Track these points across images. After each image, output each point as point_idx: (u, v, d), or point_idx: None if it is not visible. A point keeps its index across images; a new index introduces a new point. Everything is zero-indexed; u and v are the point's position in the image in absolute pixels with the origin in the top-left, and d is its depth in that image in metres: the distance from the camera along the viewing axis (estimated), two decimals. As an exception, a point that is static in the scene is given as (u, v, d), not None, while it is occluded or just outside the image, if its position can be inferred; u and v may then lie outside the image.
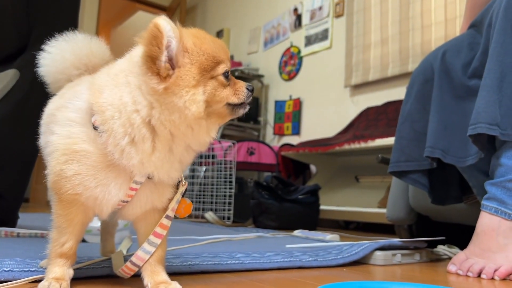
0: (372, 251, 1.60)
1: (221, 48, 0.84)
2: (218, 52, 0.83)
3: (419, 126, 1.79)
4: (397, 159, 1.83)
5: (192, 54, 0.80)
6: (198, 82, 0.80)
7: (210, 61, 0.82)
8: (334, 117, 4.40)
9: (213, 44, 0.84)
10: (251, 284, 1.22)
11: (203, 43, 0.82)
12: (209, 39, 0.84)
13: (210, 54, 0.82)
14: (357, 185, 3.77)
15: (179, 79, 0.78)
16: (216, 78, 0.82)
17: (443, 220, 2.11)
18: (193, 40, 0.81)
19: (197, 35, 0.83)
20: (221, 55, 0.84)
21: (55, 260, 0.88)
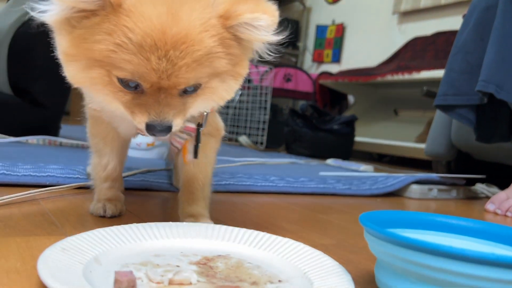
0: (408, 184, 1.57)
1: (150, 39, 0.53)
2: (141, 40, 0.53)
3: (474, 58, 1.67)
4: (444, 92, 1.73)
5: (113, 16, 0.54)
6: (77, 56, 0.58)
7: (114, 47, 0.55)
8: (378, 46, 4.19)
9: (150, 22, 0.53)
10: (285, 206, 1.23)
11: (141, 10, 0.54)
12: (154, 11, 0.54)
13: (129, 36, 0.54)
14: (395, 119, 3.67)
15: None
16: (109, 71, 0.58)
17: (485, 158, 2.04)
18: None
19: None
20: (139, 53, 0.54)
21: (102, 185, 0.85)
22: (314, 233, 0.92)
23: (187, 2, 0.56)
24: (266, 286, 0.55)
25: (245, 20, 0.58)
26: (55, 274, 0.46)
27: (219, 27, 0.58)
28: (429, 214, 0.61)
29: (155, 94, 0.58)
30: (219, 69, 0.60)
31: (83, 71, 0.58)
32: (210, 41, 0.57)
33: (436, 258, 0.42)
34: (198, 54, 0.56)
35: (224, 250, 0.65)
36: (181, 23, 0.55)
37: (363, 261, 0.72)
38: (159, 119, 0.59)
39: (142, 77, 0.56)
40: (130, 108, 0.61)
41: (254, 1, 0.59)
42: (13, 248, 0.61)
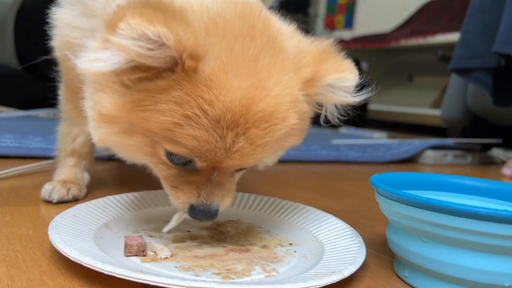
0: (422, 150, 1.55)
1: (224, 120, 0.44)
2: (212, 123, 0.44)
3: (491, 19, 1.60)
4: (460, 55, 1.67)
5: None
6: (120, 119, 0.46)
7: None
8: (392, 10, 4.06)
9: (226, 103, 0.44)
10: (297, 174, 1.22)
11: (223, 80, 0.44)
12: (236, 92, 0.44)
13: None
14: (410, 85, 3.60)
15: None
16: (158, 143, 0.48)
17: (502, 122, 1.99)
18: (218, 70, 0.44)
19: (235, 70, 0.45)
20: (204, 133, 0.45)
21: (65, 160, 0.75)
22: (326, 200, 0.91)
23: (275, 71, 0.47)
24: (276, 249, 0.55)
25: (330, 82, 0.50)
26: (66, 239, 0.46)
27: (303, 99, 0.50)
28: (442, 175, 0.60)
29: (208, 172, 0.49)
30: (286, 147, 0.53)
31: (119, 135, 0.48)
32: (293, 118, 0.49)
33: (448, 217, 0.41)
34: (279, 133, 0.48)
35: (235, 215, 0.65)
36: (269, 98, 0.46)
37: (375, 225, 0.72)
38: (208, 202, 0.50)
39: (203, 156, 0.46)
40: (172, 183, 0.51)
41: (335, 57, 0.52)
42: (25, 217, 0.61)
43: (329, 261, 0.49)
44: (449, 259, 0.43)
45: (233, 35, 0.46)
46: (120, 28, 0.39)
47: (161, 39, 0.40)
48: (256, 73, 0.46)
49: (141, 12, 0.39)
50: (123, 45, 0.40)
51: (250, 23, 0.48)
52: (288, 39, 0.52)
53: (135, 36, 0.39)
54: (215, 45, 0.45)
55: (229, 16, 0.48)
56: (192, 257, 0.50)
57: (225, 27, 0.46)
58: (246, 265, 0.49)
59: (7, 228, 0.56)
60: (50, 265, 0.46)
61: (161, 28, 0.39)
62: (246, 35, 0.47)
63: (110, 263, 0.41)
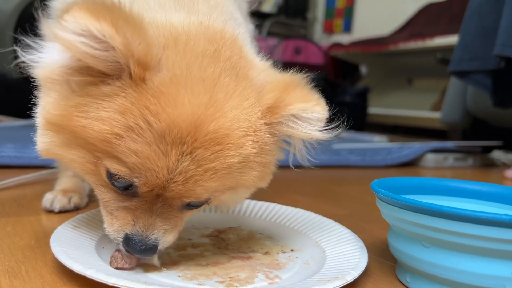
0: (423, 154, 1.55)
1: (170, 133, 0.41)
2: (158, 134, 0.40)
3: (489, 21, 1.60)
4: (459, 57, 1.67)
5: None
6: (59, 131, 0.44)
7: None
8: (390, 13, 4.07)
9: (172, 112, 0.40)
10: (297, 179, 1.22)
11: (174, 92, 0.41)
12: (184, 98, 0.41)
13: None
14: (409, 88, 3.61)
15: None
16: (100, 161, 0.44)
17: (502, 124, 1.99)
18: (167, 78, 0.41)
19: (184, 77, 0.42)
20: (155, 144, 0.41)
21: (65, 171, 0.74)
22: (327, 205, 0.91)
23: (234, 94, 0.44)
24: (278, 256, 0.55)
25: (294, 112, 0.46)
26: (68, 251, 0.46)
27: (264, 129, 0.46)
28: (442, 180, 0.60)
29: (150, 200, 0.44)
30: (244, 183, 0.47)
31: (61, 147, 0.44)
32: (250, 147, 0.44)
33: (448, 222, 0.41)
34: (231, 161, 0.43)
35: (236, 222, 0.65)
36: (223, 120, 0.42)
37: (376, 230, 0.72)
38: (145, 233, 0.44)
39: (144, 177, 0.41)
40: (109, 208, 0.46)
41: (303, 89, 0.48)
42: (27, 227, 0.61)
43: (332, 267, 0.49)
44: (451, 264, 0.43)
45: (194, 54, 0.43)
46: (65, 20, 0.37)
47: (106, 38, 0.37)
48: (213, 92, 0.42)
49: (88, 7, 0.37)
50: (67, 39, 0.37)
51: (217, 47, 0.45)
52: (256, 71, 0.49)
53: (78, 31, 0.37)
54: (171, 58, 0.42)
55: (194, 36, 0.45)
56: (194, 266, 0.50)
57: (187, 44, 0.44)
58: (249, 273, 0.49)
59: (9, 239, 0.56)
60: (53, 275, 0.46)
61: (106, 26, 0.37)
62: (209, 56, 0.44)
63: (114, 274, 0.41)
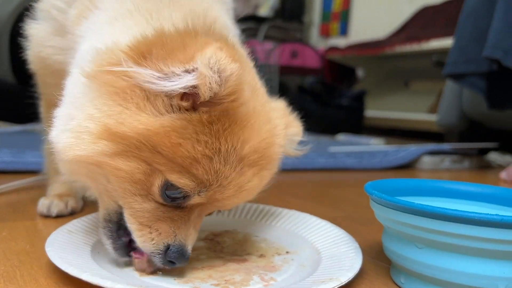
0: (419, 156, 1.55)
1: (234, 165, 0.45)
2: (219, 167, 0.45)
3: (483, 23, 1.61)
4: (454, 60, 1.68)
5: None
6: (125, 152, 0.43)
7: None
8: (386, 17, 4.09)
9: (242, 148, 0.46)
10: (294, 182, 1.22)
11: (255, 122, 0.47)
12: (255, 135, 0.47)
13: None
14: (406, 91, 3.62)
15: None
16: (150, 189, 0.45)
17: (498, 126, 2.00)
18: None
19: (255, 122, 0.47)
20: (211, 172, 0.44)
21: (56, 176, 0.73)
22: (324, 207, 0.92)
23: (274, 115, 0.52)
24: (273, 258, 0.55)
25: (288, 134, 0.56)
26: (63, 256, 0.46)
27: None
28: (436, 181, 0.60)
29: (191, 210, 0.48)
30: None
31: (111, 157, 0.43)
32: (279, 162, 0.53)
33: (441, 222, 0.41)
34: (272, 176, 0.53)
35: (231, 225, 0.65)
36: (277, 145, 0.51)
37: (372, 232, 0.72)
38: (185, 243, 0.47)
39: (208, 191, 0.45)
40: (143, 220, 0.47)
41: (290, 114, 0.58)
42: (22, 232, 0.62)
43: (327, 268, 0.49)
44: (444, 265, 0.43)
45: (249, 81, 0.49)
46: (208, 57, 0.40)
47: (231, 78, 0.41)
48: (271, 121, 0.50)
49: (224, 48, 0.41)
50: (203, 73, 0.40)
51: (252, 75, 0.53)
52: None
53: (217, 69, 0.40)
54: (245, 87, 0.46)
55: (243, 60, 0.51)
56: (190, 269, 0.50)
57: (245, 71, 0.48)
58: (244, 275, 0.49)
59: (5, 244, 0.56)
60: (48, 279, 0.46)
61: (237, 68, 0.41)
62: (255, 84, 0.51)
63: (109, 278, 0.41)
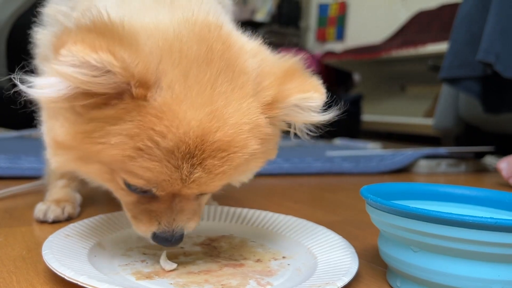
0: (416, 160, 1.56)
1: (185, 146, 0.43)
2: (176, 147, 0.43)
3: (478, 28, 1.63)
4: (449, 64, 1.69)
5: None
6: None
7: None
8: (382, 21, 4.11)
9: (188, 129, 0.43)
10: (291, 187, 1.22)
11: (176, 110, 0.43)
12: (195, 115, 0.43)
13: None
14: (402, 95, 3.64)
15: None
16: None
17: (494, 130, 2.01)
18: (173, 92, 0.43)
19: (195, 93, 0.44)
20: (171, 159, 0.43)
21: (55, 182, 0.75)
22: (320, 211, 0.92)
23: (233, 98, 0.46)
24: (270, 263, 0.55)
25: (295, 102, 0.49)
26: (60, 259, 0.46)
27: (265, 122, 0.48)
28: (432, 185, 0.60)
29: (168, 199, 0.48)
30: (252, 169, 0.52)
31: (76, 162, 0.47)
32: (254, 144, 0.47)
33: (436, 226, 0.41)
34: (238, 161, 0.46)
35: (228, 230, 0.65)
36: (226, 128, 0.44)
37: (368, 236, 0.72)
38: (171, 228, 0.49)
39: (160, 186, 0.45)
40: (132, 212, 0.50)
41: (300, 76, 0.50)
42: (19, 237, 0.61)
43: (323, 273, 0.49)
44: (439, 268, 0.43)
45: (189, 60, 0.44)
46: (62, 55, 0.38)
47: (105, 66, 0.38)
48: (212, 102, 0.44)
49: (83, 38, 0.38)
50: (65, 72, 0.38)
51: (208, 45, 0.46)
52: (250, 58, 0.49)
53: (77, 63, 0.38)
54: (168, 72, 0.43)
55: (186, 39, 0.45)
56: (186, 273, 0.50)
57: (181, 51, 0.44)
58: (241, 280, 0.49)
59: (1, 249, 0.56)
60: (44, 285, 0.46)
61: (104, 54, 0.38)
62: (203, 60, 0.45)
63: (106, 281, 0.41)
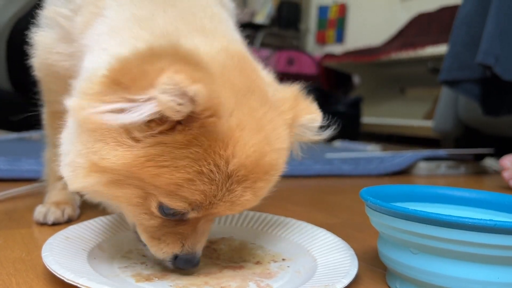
0: (415, 162, 1.56)
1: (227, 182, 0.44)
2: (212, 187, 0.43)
3: (477, 30, 1.63)
4: (449, 66, 1.70)
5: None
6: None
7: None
8: (382, 24, 4.12)
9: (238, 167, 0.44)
10: (290, 189, 1.22)
11: (240, 136, 0.44)
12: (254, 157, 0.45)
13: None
14: (402, 97, 3.64)
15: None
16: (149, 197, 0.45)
17: (494, 132, 2.01)
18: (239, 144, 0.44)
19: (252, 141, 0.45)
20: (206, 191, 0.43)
21: (55, 184, 0.75)
22: (320, 214, 0.92)
23: (276, 125, 0.48)
24: (270, 265, 0.55)
25: (303, 123, 0.53)
26: (59, 260, 0.46)
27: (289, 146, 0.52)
28: (431, 187, 0.60)
29: (195, 222, 0.48)
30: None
31: (107, 186, 0.44)
32: (284, 165, 0.50)
33: (435, 228, 0.41)
34: (274, 182, 0.49)
35: (227, 232, 0.65)
36: (273, 153, 0.47)
37: (368, 238, 0.72)
38: (194, 250, 0.49)
39: (203, 208, 0.45)
40: (154, 234, 0.49)
41: (304, 101, 0.54)
42: (18, 240, 0.61)
43: (322, 275, 0.49)
44: (439, 270, 0.43)
45: (238, 89, 0.46)
46: (163, 83, 0.37)
47: (197, 98, 0.39)
48: (263, 128, 0.46)
49: (183, 69, 0.38)
50: (162, 100, 0.38)
51: (247, 75, 0.49)
52: (270, 87, 0.53)
53: (176, 93, 0.38)
54: (227, 100, 0.44)
55: (230, 69, 0.47)
56: (185, 276, 0.50)
57: (230, 81, 0.46)
58: (240, 282, 0.49)
59: (0, 252, 0.56)
60: (43, 287, 0.46)
61: (200, 87, 0.38)
62: (247, 89, 0.47)
63: (105, 283, 0.41)
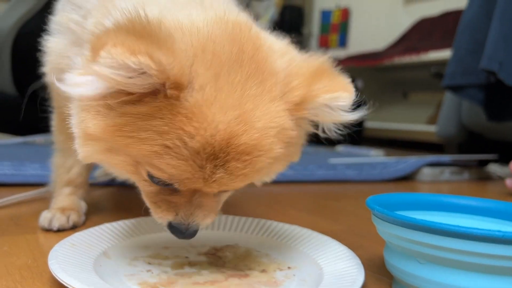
0: (419, 168, 1.55)
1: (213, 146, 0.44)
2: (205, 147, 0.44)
3: (481, 35, 1.63)
4: (453, 71, 1.69)
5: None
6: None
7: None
8: (385, 29, 4.13)
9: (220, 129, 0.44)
10: (294, 194, 1.22)
11: (206, 113, 0.43)
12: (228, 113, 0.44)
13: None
14: (405, 102, 3.64)
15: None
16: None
17: (498, 138, 2.01)
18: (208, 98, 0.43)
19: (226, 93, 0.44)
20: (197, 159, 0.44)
21: (61, 189, 0.76)
22: (324, 220, 0.91)
23: (261, 101, 0.46)
24: (275, 273, 0.55)
25: (323, 102, 0.48)
26: (66, 268, 0.46)
27: (291, 125, 0.49)
28: (436, 195, 0.60)
29: (189, 194, 0.49)
30: (275, 171, 0.53)
31: (103, 153, 0.48)
32: (278, 148, 0.47)
33: (443, 238, 0.41)
34: (261, 164, 0.47)
35: (232, 239, 0.65)
36: (252, 131, 0.45)
37: (373, 246, 0.72)
38: (187, 221, 0.50)
39: (182, 183, 0.46)
40: (153, 199, 0.52)
41: (329, 75, 0.50)
42: (24, 246, 0.61)
43: (328, 284, 0.49)
44: (446, 280, 0.43)
45: (221, 61, 0.45)
46: (101, 57, 0.39)
47: (143, 68, 0.39)
48: (241, 105, 0.45)
49: (123, 41, 0.39)
50: (103, 73, 0.40)
51: (240, 46, 0.47)
52: (279, 58, 0.50)
53: (115, 66, 0.39)
54: (201, 73, 0.44)
55: (219, 39, 0.46)
56: (192, 284, 0.50)
57: (214, 53, 0.45)
58: (246, 290, 0.49)
59: (6, 258, 0.56)
60: (49, 295, 0.46)
61: (142, 57, 0.39)
62: (234, 61, 0.46)
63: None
